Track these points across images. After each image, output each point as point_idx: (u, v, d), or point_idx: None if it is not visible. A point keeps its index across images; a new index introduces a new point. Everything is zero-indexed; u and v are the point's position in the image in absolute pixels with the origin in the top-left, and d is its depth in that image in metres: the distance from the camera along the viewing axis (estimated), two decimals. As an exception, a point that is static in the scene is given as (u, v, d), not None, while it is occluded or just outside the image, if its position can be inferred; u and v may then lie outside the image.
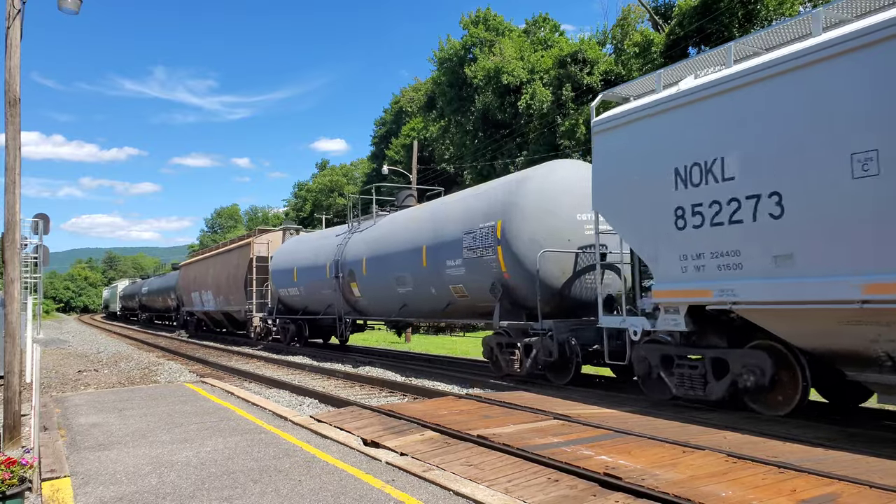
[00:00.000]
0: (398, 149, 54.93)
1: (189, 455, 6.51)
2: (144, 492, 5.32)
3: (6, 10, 7.32)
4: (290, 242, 23.27)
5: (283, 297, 22.06)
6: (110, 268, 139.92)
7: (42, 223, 18.97)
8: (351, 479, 5.53)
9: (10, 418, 7.14)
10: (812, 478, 5.08)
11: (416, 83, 59.76)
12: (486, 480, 5.39)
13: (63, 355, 23.13)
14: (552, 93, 38.00)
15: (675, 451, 6.04)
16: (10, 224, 7.30)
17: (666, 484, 4.98)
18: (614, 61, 39.00)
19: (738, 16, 31.04)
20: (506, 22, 46.61)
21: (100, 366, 18.75)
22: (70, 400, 10.59)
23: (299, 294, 20.86)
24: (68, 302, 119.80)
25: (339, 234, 19.04)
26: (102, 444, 7.11)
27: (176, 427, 8.00)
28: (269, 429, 7.76)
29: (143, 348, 26.83)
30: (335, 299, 18.44)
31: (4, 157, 7.24)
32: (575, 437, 6.74)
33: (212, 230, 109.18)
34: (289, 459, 6.24)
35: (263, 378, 14.12)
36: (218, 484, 5.48)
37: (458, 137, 45.96)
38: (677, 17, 33.30)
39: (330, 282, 18.31)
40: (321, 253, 19.25)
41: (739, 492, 4.79)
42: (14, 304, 7.32)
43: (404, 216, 16.18)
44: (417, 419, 7.92)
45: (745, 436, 6.72)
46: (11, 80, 7.25)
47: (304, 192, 78.78)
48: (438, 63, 47.39)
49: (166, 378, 14.90)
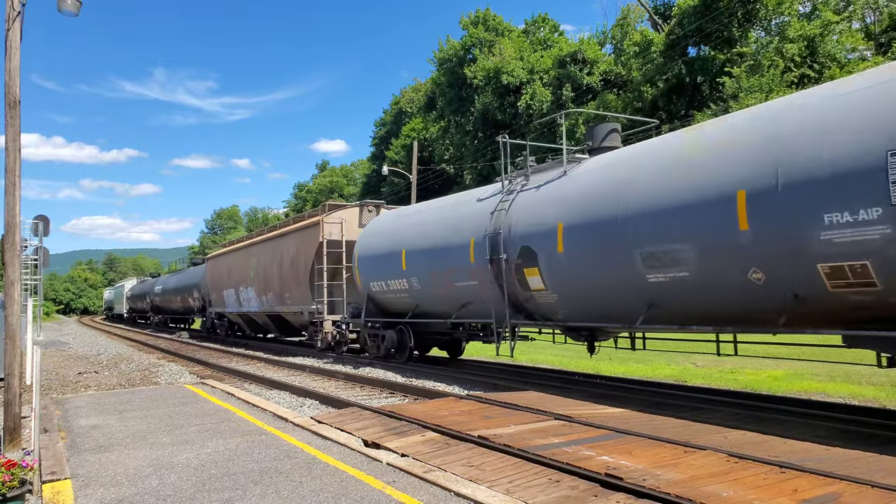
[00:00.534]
0: (398, 149, 54.96)
1: (189, 457, 6.50)
2: (145, 493, 5.31)
3: (6, 12, 7.32)
4: (388, 217, 17.08)
5: (376, 293, 16.00)
6: (110, 269, 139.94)
7: (42, 225, 18.95)
8: (352, 480, 5.53)
9: (11, 420, 7.13)
10: (813, 477, 5.07)
11: (415, 84, 59.81)
12: (486, 481, 5.38)
13: (63, 357, 23.12)
14: (552, 93, 38.00)
15: (676, 451, 6.03)
16: (10, 226, 7.29)
17: (667, 484, 4.97)
18: (614, 61, 39.01)
19: (738, 16, 31.04)
20: (505, 22, 46.64)
21: (100, 368, 18.74)
22: (70, 402, 10.58)
23: (408, 289, 14.65)
24: (68, 304, 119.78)
25: (487, 196, 12.64)
26: (103, 446, 7.10)
27: (176, 429, 7.99)
28: (270, 430, 7.75)
29: (143, 350, 26.82)
30: (486, 295, 12.07)
31: (4, 159, 7.24)
32: (576, 438, 6.73)
33: (212, 231, 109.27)
34: (289, 461, 6.23)
35: (264, 379, 14.11)
36: (218, 485, 5.48)
37: (457, 138, 45.95)
38: (677, 17, 33.30)
39: (477, 269, 12.14)
40: (455, 226, 13.12)
41: (741, 492, 4.79)
42: (14, 306, 7.32)
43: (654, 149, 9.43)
44: (418, 420, 7.91)
45: (746, 436, 6.72)
46: (11, 81, 7.25)
47: (304, 192, 78.91)
48: (438, 63, 47.41)
49: (167, 380, 14.89)
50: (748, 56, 30.13)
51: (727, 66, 30.00)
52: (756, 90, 27.15)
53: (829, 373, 12.38)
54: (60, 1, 7.71)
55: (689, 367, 14.33)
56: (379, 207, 19.47)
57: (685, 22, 31.63)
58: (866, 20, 33.13)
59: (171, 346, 27.43)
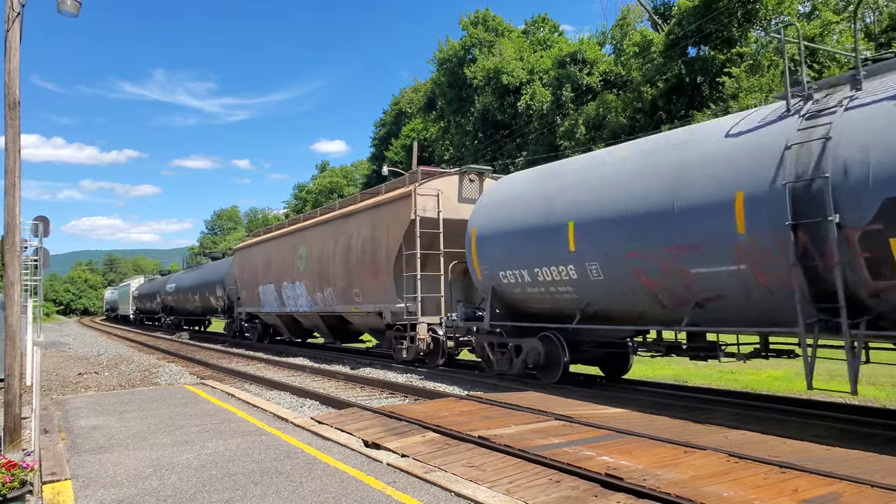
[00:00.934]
0: (398, 150, 54.98)
1: (190, 457, 6.51)
2: (145, 494, 5.31)
3: (5, 12, 7.32)
4: (521, 180, 12.18)
5: (508, 287, 11.49)
6: (110, 270, 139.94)
7: (42, 226, 18.95)
8: (352, 480, 5.53)
9: (11, 421, 7.13)
10: (813, 477, 5.07)
11: (415, 84, 59.82)
12: (487, 482, 5.38)
13: (63, 358, 23.12)
14: (552, 93, 38.02)
15: (676, 451, 6.04)
16: (10, 227, 7.29)
17: (667, 484, 4.97)
18: (614, 61, 39.02)
19: (738, 16, 31.06)
20: (505, 23, 46.67)
21: (100, 368, 18.74)
22: (70, 403, 10.58)
23: (576, 280, 10.10)
24: (68, 304, 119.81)
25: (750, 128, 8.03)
26: (103, 447, 7.10)
27: (176, 429, 7.99)
28: (270, 430, 7.75)
29: (143, 350, 26.82)
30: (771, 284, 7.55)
31: (4, 160, 7.24)
32: (576, 438, 6.73)
33: (212, 232, 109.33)
34: (290, 461, 6.23)
35: (264, 380, 14.11)
36: (219, 486, 5.48)
37: (457, 138, 45.99)
38: (677, 17, 33.32)
39: (752, 242, 7.55)
40: (691, 177, 8.34)
41: (741, 492, 4.79)
42: (14, 306, 7.32)
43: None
44: (418, 420, 7.91)
45: (746, 436, 6.72)
46: (11, 82, 7.25)
47: (304, 193, 78.95)
48: (438, 64, 47.43)
49: (167, 380, 14.88)
50: (748, 56, 30.15)
51: (727, 66, 30.02)
52: (756, 90, 27.16)
53: (829, 372, 12.38)
54: (60, 1, 7.71)
55: (688, 368, 14.32)
56: (482, 176, 15.19)
57: (685, 22, 31.65)
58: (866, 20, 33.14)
59: (171, 346, 27.44)
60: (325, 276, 18.29)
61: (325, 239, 18.58)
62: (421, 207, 14.21)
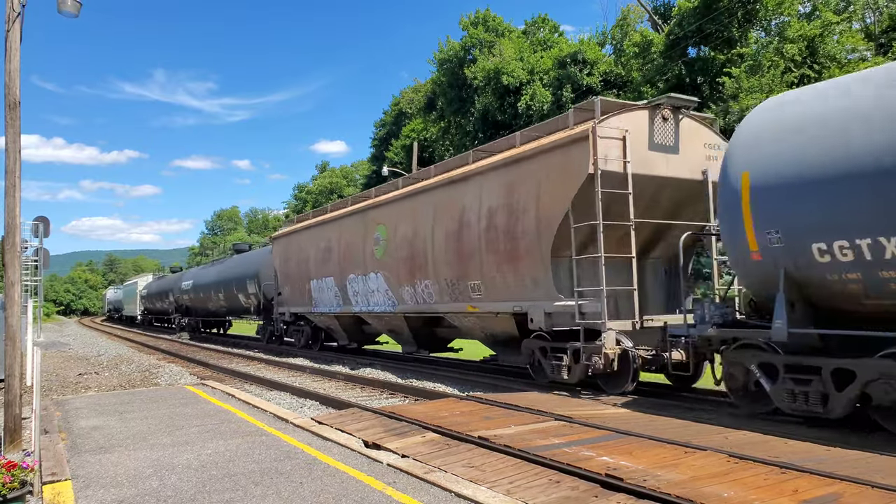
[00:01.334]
0: (398, 150, 54.98)
1: (190, 458, 6.51)
2: (145, 494, 5.31)
3: (6, 13, 7.32)
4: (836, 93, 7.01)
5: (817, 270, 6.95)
6: (111, 270, 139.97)
7: (42, 226, 18.95)
8: (352, 481, 5.53)
9: (11, 421, 7.13)
10: (814, 478, 5.07)
11: (415, 84, 59.79)
12: (487, 482, 5.38)
13: (63, 358, 23.12)
14: (552, 93, 38.01)
15: (676, 452, 6.04)
16: (11, 227, 7.30)
17: (667, 485, 4.97)
18: (614, 62, 39.02)
19: (738, 16, 31.06)
20: (505, 23, 46.65)
21: (100, 369, 18.74)
22: (71, 403, 10.58)
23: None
24: (69, 305, 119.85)
25: None
26: (103, 447, 7.10)
27: (177, 430, 7.99)
28: (270, 431, 7.75)
29: (143, 351, 26.82)
30: None
31: (4, 161, 7.24)
32: (576, 438, 6.73)
33: (212, 232, 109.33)
34: (290, 462, 6.23)
35: (264, 380, 14.11)
36: (219, 486, 5.48)
37: (458, 138, 45.98)
38: (677, 18, 33.33)
39: None
40: None
41: (741, 492, 4.79)
42: (14, 307, 7.32)
43: None
44: (418, 421, 7.91)
45: (747, 436, 6.72)
46: (11, 83, 7.25)
47: (304, 193, 78.93)
48: (438, 64, 47.41)
49: (167, 381, 14.89)
50: (748, 56, 30.15)
51: (727, 66, 30.02)
52: (756, 90, 27.16)
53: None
54: (60, 2, 7.71)
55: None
56: (679, 112, 10.69)
57: (685, 22, 31.65)
58: (866, 20, 33.15)
59: (171, 347, 27.45)
60: (418, 265, 14.02)
61: (417, 215, 14.08)
62: (602, 156, 9.77)
